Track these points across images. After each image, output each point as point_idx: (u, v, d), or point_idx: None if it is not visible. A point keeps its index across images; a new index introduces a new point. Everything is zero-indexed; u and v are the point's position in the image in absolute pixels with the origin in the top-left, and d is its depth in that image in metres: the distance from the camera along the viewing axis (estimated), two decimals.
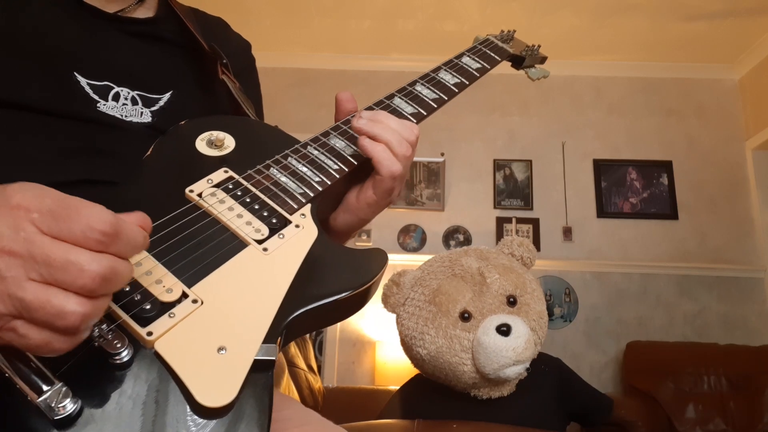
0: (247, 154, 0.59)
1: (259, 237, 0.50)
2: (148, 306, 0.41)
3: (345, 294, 0.50)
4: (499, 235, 3.41)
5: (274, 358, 0.43)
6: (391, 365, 3.02)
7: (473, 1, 3.17)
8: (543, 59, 0.92)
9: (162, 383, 0.40)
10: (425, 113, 0.70)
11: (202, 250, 0.48)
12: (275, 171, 0.57)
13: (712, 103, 3.63)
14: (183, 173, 0.55)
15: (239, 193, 0.54)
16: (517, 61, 0.90)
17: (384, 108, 0.68)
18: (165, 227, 0.48)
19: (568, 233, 3.44)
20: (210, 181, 0.54)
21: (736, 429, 2.64)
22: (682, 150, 3.55)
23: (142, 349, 0.40)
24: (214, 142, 0.59)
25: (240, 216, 0.51)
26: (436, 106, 0.71)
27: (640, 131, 3.60)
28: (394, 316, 1.62)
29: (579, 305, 3.32)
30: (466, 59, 0.81)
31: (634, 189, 3.51)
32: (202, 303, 0.44)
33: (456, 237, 3.47)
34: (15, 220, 0.34)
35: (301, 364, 2.53)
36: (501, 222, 3.47)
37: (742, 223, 3.41)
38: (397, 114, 0.67)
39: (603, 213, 3.47)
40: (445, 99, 0.73)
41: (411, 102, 0.70)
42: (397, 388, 1.81)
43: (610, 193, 3.51)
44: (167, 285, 0.43)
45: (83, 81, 0.60)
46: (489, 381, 1.46)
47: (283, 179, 0.57)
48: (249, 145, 0.61)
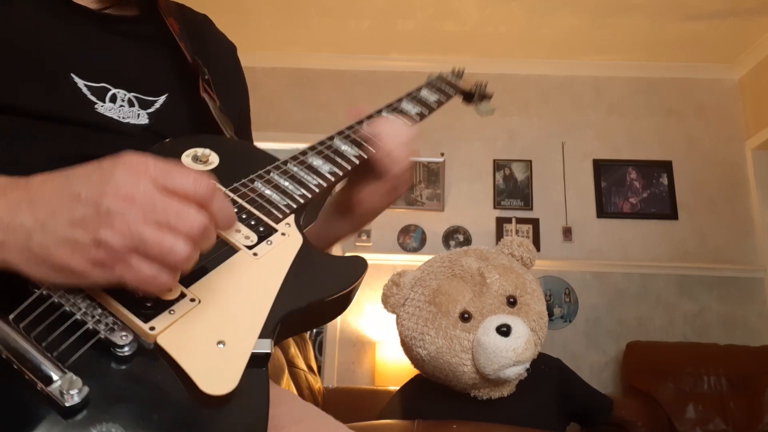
0: (232, 169, 0.63)
1: (249, 243, 0.54)
2: (149, 303, 0.44)
3: (330, 296, 0.54)
4: (499, 236, 3.40)
5: (269, 351, 0.46)
6: (391, 365, 3.02)
7: (473, 1, 3.17)
8: (490, 96, 1.05)
9: (165, 373, 0.42)
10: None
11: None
12: (260, 185, 0.61)
13: (712, 103, 3.63)
14: None
15: None
16: (468, 97, 1.02)
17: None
18: None
19: (568, 233, 3.44)
20: None
21: (736, 429, 2.64)
22: (682, 150, 3.55)
23: (144, 343, 0.43)
24: (199, 157, 0.62)
25: None
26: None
27: (640, 131, 3.60)
28: (394, 316, 1.62)
29: (579, 305, 3.32)
30: (424, 92, 0.91)
31: (634, 189, 3.51)
32: (199, 302, 0.46)
33: (456, 237, 3.47)
34: (135, 174, 0.40)
35: (301, 364, 2.53)
36: (501, 222, 3.47)
37: (742, 223, 3.41)
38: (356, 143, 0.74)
39: (603, 213, 3.47)
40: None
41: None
42: (397, 388, 1.81)
43: (610, 193, 3.51)
44: None
45: (80, 83, 0.61)
46: (489, 381, 1.45)
47: (268, 192, 0.61)
48: (232, 162, 0.64)
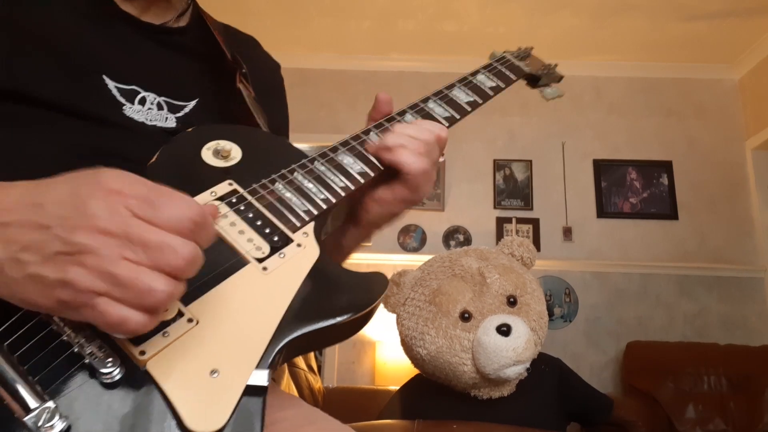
0: (253, 166, 0.58)
1: (260, 255, 0.49)
2: None
3: (343, 318, 0.49)
4: (499, 236, 3.40)
5: (266, 384, 0.42)
6: (391, 365, 3.02)
7: (473, 1, 3.17)
8: (560, 78, 0.90)
9: (152, 404, 0.39)
10: None
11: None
12: (280, 186, 0.56)
13: (712, 103, 3.63)
14: (187, 183, 0.54)
15: (242, 208, 0.53)
16: (533, 80, 0.88)
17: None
18: None
19: (568, 233, 3.44)
20: (213, 194, 0.53)
21: (736, 429, 2.64)
22: (682, 150, 3.55)
23: (133, 368, 0.40)
24: (220, 152, 0.58)
25: (242, 232, 0.51)
26: (447, 124, 0.70)
27: (640, 131, 3.60)
28: (394, 316, 1.62)
29: (579, 305, 3.32)
30: (481, 77, 0.78)
31: (634, 189, 3.51)
32: (197, 323, 0.43)
33: (456, 237, 3.47)
34: (111, 203, 0.36)
35: (301, 364, 2.53)
36: (501, 222, 3.47)
37: (742, 223, 3.41)
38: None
39: (603, 213, 3.47)
40: (458, 118, 0.72)
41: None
42: (397, 388, 1.81)
43: (610, 193, 3.51)
44: None
45: (111, 84, 0.61)
46: (489, 381, 1.46)
47: (288, 195, 0.56)
48: (255, 157, 0.60)
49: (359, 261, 3.36)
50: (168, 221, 0.37)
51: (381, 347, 3.16)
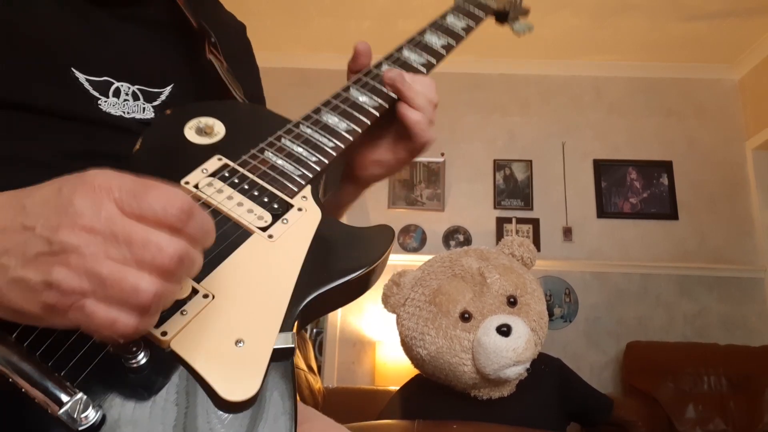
0: (239, 139, 0.57)
1: (263, 224, 0.49)
2: None
3: (357, 274, 0.49)
4: (499, 236, 3.40)
5: (292, 345, 0.42)
6: (391, 365, 3.02)
7: None
8: (527, 11, 0.89)
9: (182, 382, 0.39)
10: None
11: None
12: (270, 154, 0.56)
13: (712, 103, 3.63)
14: (175, 165, 0.53)
15: (236, 181, 0.52)
16: (501, 17, 0.87)
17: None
18: None
19: (568, 233, 3.44)
20: (205, 171, 0.53)
21: (736, 429, 2.64)
22: (682, 150, 3.55)
23: (158, 350, 0.40)
24: (203, 129, 0.57)
25: (240, 204, 0.50)
26: (425, 71, 0.70)
27: (640, 131, 3.60)
28: (394, 316, 1.62)
29: (579, 305, 3.32)
30: (450, 19, 0.78)
31: (634, 189, 3.51)
32: (213, 297, 0.43)
33: (456, 237, 3.47)
34: (96, 199, 0.34)
35: (301, 364, 2.53)
36: (501, 222, 3.47)
37: (742, 223, 3.41)
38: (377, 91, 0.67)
39: (603, 213, 3.47)
40: (434, 63, 0.71)
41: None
42: (397, 388, 1.81)
43: (610, 193, 3.51)
44: None
45: (81, 77, 0.58)
46: (489, 381, 1.45)
47: (280, 162, 0.55)
48: (240, 130, 0.59)
49: None
50: (154, 215, 0.35)
51: (381, 347, 3.16)
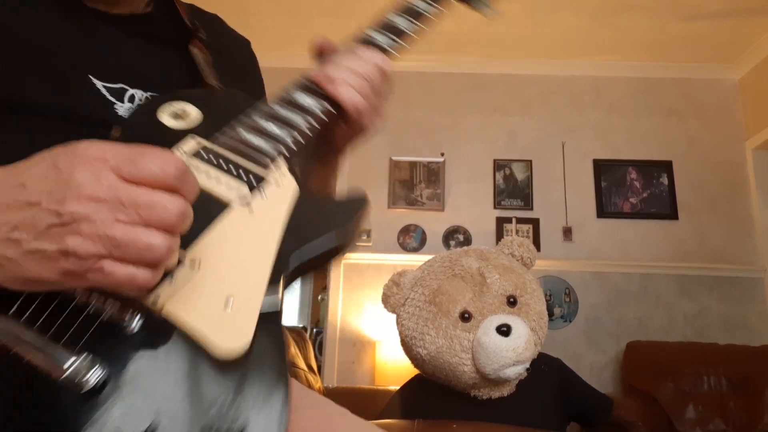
0: (212, 120, 0.59)
1: (241, 197, 0.51)
2: None
3: (333, 232, 0.52)
4: (499, 236, 3.40)
5: (279, 308, 0.45)
6: (391, 365, 3.02)
7: None
8: None
9: (177, 343, 0.41)
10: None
11: None
12: (242, 131, 0.57)
13: (712, 103, 3.63)
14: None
15: (212, 158, 0.54)
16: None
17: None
18: None
19: (568, 233, 3.44)
20: (180, 150, 0.55)
21: (736, 429, 2.64)
22: (682, 150, 3.55)
23: (151, 316, 0.42)
24: (178, 113, 0.59)
25: (218, 180, 0.52)
26: (393, 52, 0.70)
27: (640, 131, 3.60)
28: (394, 316, 1.62)
29: (579, 305, 3.32)
30: (416, 1, 0.76)
31: (634, 189, 3.51)
32: (200, 263, 0.45)
33: (456, 237, 3.47)
34: (95, 170, 0.37)
35: (301, 364, 2.53)
36: (501, 222, 3.47)
37: (742, 223, 3.41)
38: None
39: (603, 213, 3.47)
40: (403, 44, 0.71)
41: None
42: (397, 388, 1.81)
43: (610, 193, 3.51)
44: None
45: (99, 84, 0.61)
46: (489, 381, 1.46)
47: (251, 137, 0.57)
48: (214, 113, 0.61)
49: (359, 261, 3.36)
50: (153, 178, 0.37)
51: (381, 347, 3.16)
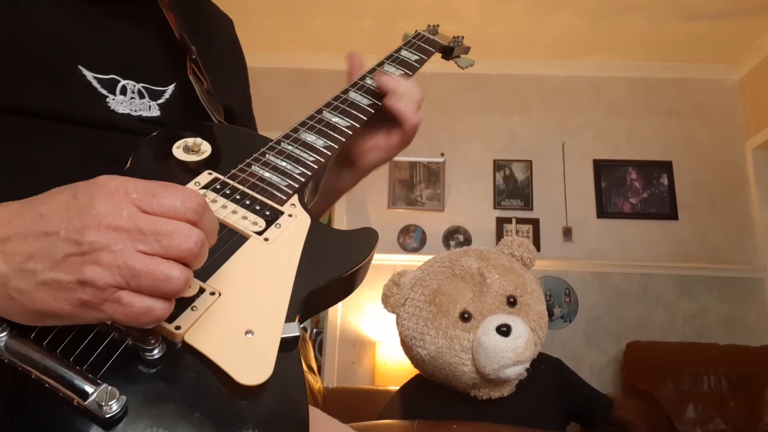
0: (225, 156, 0.61)
1: (258, 229, 0.53)
2: None
3: (348, 270, 0.54)
4: (499, 236, 3.40)
5: (298, 333, 0.46)
6: (391, 365, 3.02)
7: (473, 1, 3.17)
8: (467, 49, 1.02)
9: (199, 371, 0.41)
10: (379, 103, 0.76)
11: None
12: (257, 168, 0.60)
13: (712, 103, 3.63)
14: (167, 180, 0.55)
15: (228, 192, 0.56)
16: (447, 52, 1.00)
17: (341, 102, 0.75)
18: None
19: (568, 233, 3.44)
20: (197, 184, 0.56)
21: (736, 429, 2.64)
22: (682, 150, 3.55)
23: (172, 344, 0.42)
24: (191, 147, 0.60)
25: (235, 212, 0.54)
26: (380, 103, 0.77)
27: (640, 131, 3.60)
28: (394, 316, 1.62)
29: (579, 305, 3.32)
30: (404, 53, 0.88)
31: (634, 189, 3.51)
32: (219, 294, 0.46)
33: (456, 237, 3.47)
34: (116, 201, 0.37)
35: (302, 364, 2.53)
36: (501, 222, 3.47)
37: (742, 223, 3.41)
38: (355, 107, 0.74)
39: (603, 213, 3.47)
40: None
41: (365, 95, 0.76)
42: (397, 388, 1.81)
43: (610, 193, 3.51)
44: None
45: (89, 75, 0.59)
46: (489, 381, 1.46)
47: (267, 174, 0.59)
48: (225, 148, 0.63)
49: None
50: (174, 210, 0.38)
51: (381, 347, 3.16)
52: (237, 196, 0.55)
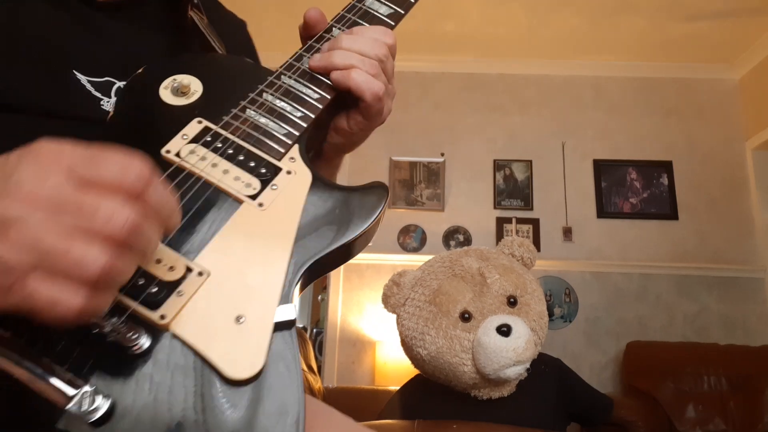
0: (218, 96, 0.55)
1: (252, 192, 0.47)
2: (154, 289, 0.39)
3: (353, 236, 0.48)
4: (499, 236, 3.40)
5: (293, 317, 0.42)
6: (391, 365, 3.02)
7: (473, 1, 3.17)
8: None
9: (187, 363, 0.38)
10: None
11: (195, 216, 0.45)
12: (252, 113, 0.53)
13: (712, 103, 3.63)
14: (154, 131, 0.51)
15: (220, 146, 0.50)
16: None
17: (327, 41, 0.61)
18: None
19: (568, 233, 3.44)
20: (185, 137, 0.50)
21: (736, 429, 2.64)
22: (682, 150, 3.55)
23: (158, 334, 0.39)
24: (179, 89, 0.54)
25: (226, 172, 0.48)
26: (393, 23, 0.64)
27: (640, 131, 3.60)
28: (394, 316, 1.62)
29: (579, 305, 3.32)
30: (369, 1, 0.67)
31: (634, 189, 3.51)
32: (208, 275, 0.41)
33: (456, 237, 3.47)
34: (43, 168, 0.32)
35: (302, 364, 2.53)
36: (501, 222, 3.47)
37: (742, 223, 3.41)
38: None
39: (603, 213, 3.47)
40: (405, 13, 0.66)
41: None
42: (397, 388, 1.81)
43: (610, 194, 3.51)
44: (168, 263, 0.41)
45: (84, 79, 0.58)
46: (489, 381, 1.46)
47: (263, 120, 0.52)
48: (218, 86, 0.56)
49: (359, 261, 3.36)
50: (111, 178, 0.32)
51: (381, 347, 3.16)
52: (229, 150, 0.49)
